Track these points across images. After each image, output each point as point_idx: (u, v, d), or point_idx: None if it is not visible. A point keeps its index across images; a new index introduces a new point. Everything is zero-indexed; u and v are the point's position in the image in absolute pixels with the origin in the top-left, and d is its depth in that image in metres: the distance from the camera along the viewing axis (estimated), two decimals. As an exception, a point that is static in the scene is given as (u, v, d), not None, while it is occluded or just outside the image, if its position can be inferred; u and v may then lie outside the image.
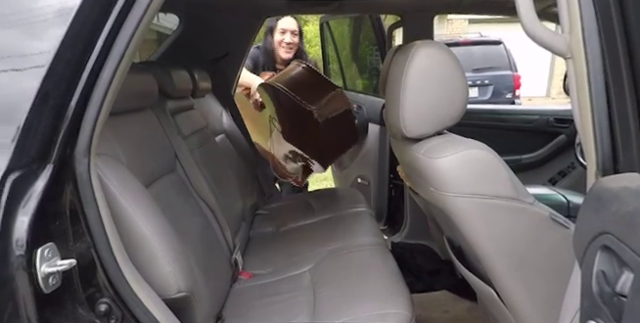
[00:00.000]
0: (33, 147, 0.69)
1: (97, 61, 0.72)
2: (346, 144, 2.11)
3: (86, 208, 0.75)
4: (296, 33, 2.32)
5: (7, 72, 0.72)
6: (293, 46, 2.34)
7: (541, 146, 2.28)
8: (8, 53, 0.72)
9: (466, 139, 0.97)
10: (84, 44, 0.70)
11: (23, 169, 0.67)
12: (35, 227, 0.65)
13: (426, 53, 1.00)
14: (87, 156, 0.74)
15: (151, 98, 1.22)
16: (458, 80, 1.01)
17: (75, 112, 0.72)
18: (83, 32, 0.70)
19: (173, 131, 1.31)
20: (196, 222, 1.23)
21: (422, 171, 1.01)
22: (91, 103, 0.73)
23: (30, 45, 0.72)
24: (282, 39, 2.31)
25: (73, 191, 0.73)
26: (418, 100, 1.01)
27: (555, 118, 2.26)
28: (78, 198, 0.74)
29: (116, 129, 0.98)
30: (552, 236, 0.87)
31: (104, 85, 0.73)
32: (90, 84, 0.72)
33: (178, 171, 1.29)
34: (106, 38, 0.71)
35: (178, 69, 1.49)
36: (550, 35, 0.78)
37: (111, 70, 0.73)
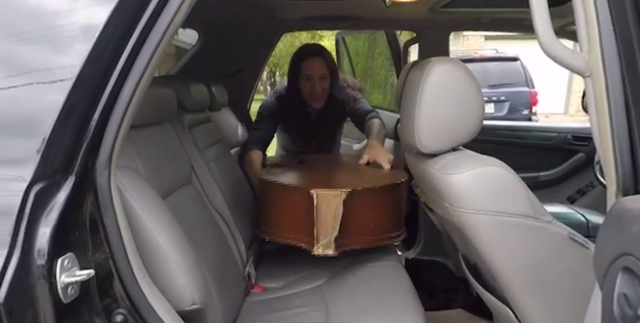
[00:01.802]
0: (57, 159, 0.71)
1: (119, 76, 0.74)
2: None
3: (105, 219, 0.76)
4: (325, 77, 1.83)
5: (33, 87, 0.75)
6: (324, 93, 1.87)
7: (559, 164, 2.25)
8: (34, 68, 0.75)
9: (481, 156, 0.97)
10: (108, 60, 0.73)
11: (47, 180, 0.69)
12: (56, 237, 0.67)
13: (442, 69, 1.01)
14: (108, 168, 0.76)
15: (170, 112, 1.24)
16: (474, 97, 1.01)
17: (98, 125, 0.74)
18: (108, 49, 0.72)
19: (190, 144, 1.33)
20: (210, 234, 1.24)
21: (437, 187, 1.00)
22: (113, 117, 0.75)
23: (56, 60, 0.75)
24: (310, 88, 1.83)
25: (94, 202, 0.75)
26: (433, 116, 1.01)
27: (573, 136, 2.23)
28: (98, 208, 0.75)
29: (136, 142, 1.00)
30: (571, 256, 0.85)
31: (125, 100, 0.75)
32: (112, 99, 0.74)
33: (194, 184, 1.31)
34: (128, 55, 0.74)
35: (196, 84, 1.52)
36: (568, 54, 0.78)
37: (132, 86, 0.75)
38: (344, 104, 1.96)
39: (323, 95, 1.87)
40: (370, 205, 1.31)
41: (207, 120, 1.63)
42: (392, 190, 1.37)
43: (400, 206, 1.43)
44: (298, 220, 1.28)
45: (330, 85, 1.87)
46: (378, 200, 1.34)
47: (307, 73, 1.82)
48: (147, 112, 1.06)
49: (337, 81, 1.93)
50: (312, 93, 1.84)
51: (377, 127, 1.87)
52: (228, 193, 1.45)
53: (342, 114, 2.01)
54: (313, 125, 2.01)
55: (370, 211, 1.32)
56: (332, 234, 1.22)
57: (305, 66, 1.82)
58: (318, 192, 1.23)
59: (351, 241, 1.28)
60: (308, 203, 1.22)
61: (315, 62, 1.81)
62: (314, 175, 1.53)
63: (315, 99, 1.87)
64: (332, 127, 2.09)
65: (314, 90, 1.82)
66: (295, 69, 1.86)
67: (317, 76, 1.82)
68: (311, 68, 1.81)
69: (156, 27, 0.75)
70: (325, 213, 1.22)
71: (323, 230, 1.22)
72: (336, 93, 1.93)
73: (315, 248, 1.23)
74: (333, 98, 1.93)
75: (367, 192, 1.30)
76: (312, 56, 1.82)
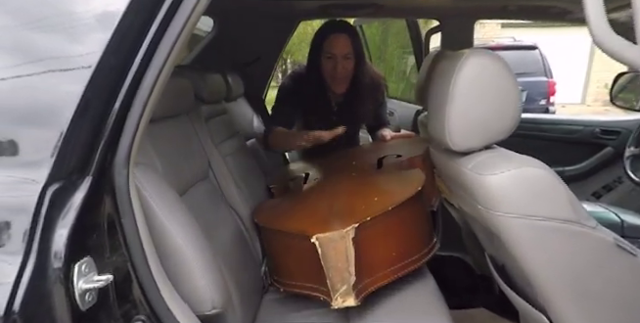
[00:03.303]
0: (74, 157, 0.67)
1: (139, 67, 0.69)
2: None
3: (123, 220, 0.72)
4: (349, 56, 1.66)
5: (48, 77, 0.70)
6: (347, 74, 1.69)
7: (586, 158, 2.17)
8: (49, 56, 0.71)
9: (519, 155, 0.91)
10: (128, 50, 0.68)
11: (64, 180, 0.65)
12: (73, 240, 0.63)
13: (476, 62, 0.94)
14: (127, 166, 0.72)
15: (187, 103, 1.20)
16: (511, 92, 0.94)
17: (117, 120, 0.69)
18: (128, 38, 0.68)
19: (207, 137, 1.29)
20: (227, 232, 1.20)
21: (469, 188, 0.95)
22: (132, 111, 0.71)
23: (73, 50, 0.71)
24: (331, 67, 1.66)
25: (111, 203, 0.71)
26: (467, 112, 0.95)
27: (601, 130, 2.14)
28: (116, 209, 0.72)
29: (153, 137, 0.96)
30: (617, 264, 0.80)
31: (145, 93, 0.70)
32: (132, 92, 0.70)
33: (211, 179, 1.27)
34: (149, 44, 0.69)
35: (212, 74, 1.47)
36: (623, 46, 0.72)
37: (153, 78, 0.71)
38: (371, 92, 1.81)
39: (346, 77, 1.68)
40: (387, 232, 1.10)
41: (224, 112, 1.58)
42: (410, 205, 1.13)
43: (423, 216, 1.23)
44: (308, 269, 1.07)
45: (355, 68, 1.69)
46: (394, 223, 1.11)
47: (330, 51, 1.64)
48: (163, 104, 1.01)
49: (364, 66, 1.74)
50: (334, 74, 1.66)
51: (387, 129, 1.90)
52: (245, 187, 1.41)
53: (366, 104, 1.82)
54: (335, 113, 1.84)
55: (389, 239, 1.11)
56: (349, 280, 1.02)
57: (328, 42, 1.64)
58: (320, 237, 1.01)
59: (374, 279, 1.08)
60: (312, 250, 1.02)
61: (340, 38, 1.63)
62: (316, 206, 1.23)
63: (336, 81, 1.68)
64: (355, 118, 1.88)
65: (336, 70, 1.64)
66: (316, 47, 1.68)
67: (340, 55, 1.63)
68: (334, 45, 1.63)
69: (177, 15, 0.70)
70: (335, 259, 1.01)
71: (338, 278, 1.02)
72: (363, 78, 1.74)
73: (333, 299, 1.03)
74: (358, 83, 1.73)
75: (379, 219, 1.07)
76: (337, 32, 1.65)
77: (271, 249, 1.23)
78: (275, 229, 1.17)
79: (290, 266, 1.17)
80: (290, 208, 1.28)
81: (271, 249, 1.23)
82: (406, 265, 1.13)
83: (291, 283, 1.16)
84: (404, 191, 1.18)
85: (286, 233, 1.13)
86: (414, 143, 1.76)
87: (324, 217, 1.13)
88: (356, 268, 1.03)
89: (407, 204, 1.13)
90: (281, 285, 1.19)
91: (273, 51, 2.15)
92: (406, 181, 1.27)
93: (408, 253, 1.14)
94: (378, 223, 1.08)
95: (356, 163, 1.57)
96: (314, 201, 1.28)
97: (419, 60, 2.34)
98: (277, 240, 1.19)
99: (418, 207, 1.20)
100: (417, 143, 1.75)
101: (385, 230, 1.10)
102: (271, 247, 1.22)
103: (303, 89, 1.75)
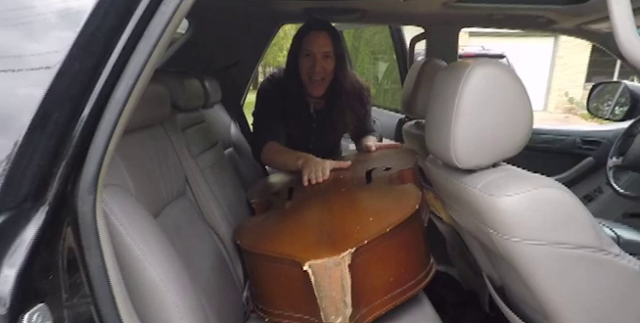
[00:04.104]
0: (27, 180, 0.55)
1: (112, 73, 0.58)
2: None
3: (87, 256, 0.60)
4: (328, 55, 1.57)
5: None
6: (325, 76, 1.59)
7: (567, 168, 2.16)
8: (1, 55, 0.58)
9: (532, 174, 0.84)
10: (98, 53, 0.56)
11: (13, 210, 0.53)
12: (23, 284, 0.51)
13: (484, 73, 0.87)
14: (93, 192, 0.60)
15: (162, 112, 1.08)
16: (522, 104, 0.88)
17: (83, 134, 0.58)
18: (98, 39, 0.56)
19: (184, 150, 1.17)
20: (206, 255, 1.09)
21: (477, 209, 0.87)
22: (102, 124, 0.59)
23: (29, 48, 0.59)
24: (309, 67, 1.57)
25: (73, 235, 0.59)
26: (474, 127, 0.87)
27: (582, 140, 2.14)
28: (79, 243, 0.59)
29: (125, 152, 0.83)
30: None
31: (119, 102, 0.59)
32: (103, 101, 0.58)
33: (188, 195, 1.15)
34: (124, 47, 0.58)
35: (190, 79, 1.35)
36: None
37: (128, 85, 0.59)
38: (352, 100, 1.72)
39: (324, 79, 1.59)
40: (384, 256, 1.00)
41: (201, 120, 1.46)
42: (408, 225, 1.04)
43: (420, 236, 1.13)
44: (298, 298, 0.97)
45: (335, 71, 1.60)
46: (392, 246, 1.02)
47: (308, 48, 1.55)
48: (138, 113, 0.89)
49: (345, 69, 1.65)
50: (311, 73, 1.58)
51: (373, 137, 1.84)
52: (225, 203, 1.29)
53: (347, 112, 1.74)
54: (314, 120, 1.76)
55: (387, 264, 1.01)
56: (344, 311, 0.92)
57: (307, 39, 1.56)
58: (313, 264, 0.90)
59: (371, 309, 0.98)
60: (303, 278, 0.92)
61: (319, 36, 1.56)
62: (305, 227, 1.12)
63: (314, 82, 1.59)
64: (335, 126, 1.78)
65: (314, 70, 1.56)
66: (295, 44, 1.60)
67: (319, 53, 1.55)
68: (313, 42, 1.55)
69: (158, 14, 0.59)
70: (329, 288, 0.91)
71: (332, 309, 0.92)
72: (344, 83, 1.65)
73: None
74: (338, 87, 1.64)
75: (377, 242, 0.97)
76: (317, 29, 1.58)
77: (255, 274, 1.11)
78: (260, 253, 1.06)
79: (276, 294, 1.05)
80: (276, 229, 1.17)
81: (255, 274, 1.11)
82: (405, 291, 1.04)
83: (276, 312, 1.05)
84: (401, 209, 1.09)
85: (273, 258, 1.02)
86: (401, 154, 1.69)
87: (315, 240, 1.02)
88: (352, 298, 0.93)
89: (405, 224, 1.04)
90: (265, 314, 1.08)
91: (253, 55, 2.04)
92: (402, 198, 1.18)
93: (406, 277, 1.05)
94: (375, 247, 0.98)
95: (344, 177, 1.47)
96: (302, 220, 1.18)
97: (402, 67, 2.29)
98: (262, 265, 1.07)
99: (415, 227, 1.12)
100: (404, 154, 1.67)
101: (382, 254, 1.01)
102: (256, 272, 1.11)
103: (282, 92, 1.67)
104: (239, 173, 1.76)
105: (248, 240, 1.14)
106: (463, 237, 1.36)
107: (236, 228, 1.23)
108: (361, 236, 0.98)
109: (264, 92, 1.72)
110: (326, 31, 1.60)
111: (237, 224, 1.27)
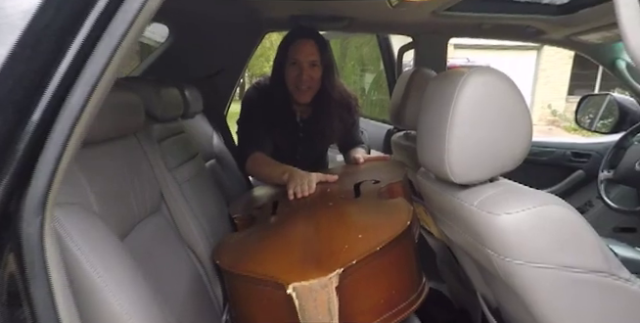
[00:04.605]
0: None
1: (65, 79, 0.50)
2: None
3: (32, 287, 0.52)
4: (315, 64, 1.53)
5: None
6: (312, 85, 1.56)
7: (557, 181, 2.13)
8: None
9: (533, 190, 0.79)
10: (46, 56, 0.49)
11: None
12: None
13: (481, 81, 0.82)
14: (41, 212, 0.51)
15: (136, 122, 1.00)
16: (521, 115, 0.82)
17: (28, 148, 0.50)
18: (46, 40, 0.49)
19: (159, 162, 1.09)
20: (182, 277, 1.00)
21: (473, 227, 0.81)
22: (53, 136, 0.51)
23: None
24: (295, 75, 1.53)
25: (15, 263, 0.50)
26: (470, 139, 0.82)
27: (572, 152, 2.11)
28: (22, 272, 0.51)
29: (90, 165, 0.75)
30: (656, 323, 0.68)
31: (72, 114, 0.51)
32: (53, 109, 0.50)
33: (163, 212, 1.07)
34: (79, 49, 0.50)
35: (168, 87, 1.28)
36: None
37: (83, 93, 0.52)
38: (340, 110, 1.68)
39: (311, 88, 1.55)
40: (374, 276, 0.93)
41: (180, 131, 1.38)
42: (399, 242, 0.96)
43: (412, 254, 1.05)
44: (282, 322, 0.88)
45: (323, 80, 1.56)
46: (383, 265, 0.94)
47: (294, 57, 1.52)
48: (105, 123, 0.81)
49: (332, 79, 1.62)
50: (298, 82, 1.53)
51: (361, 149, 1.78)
52: (204, 219, 1.21)
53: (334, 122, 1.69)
54: (300, 129, 1.70)
55: (377, 285, 0.94)
56: None
57: (293, 48, 1.53)
58: (298, 287, 0.82)
59: None
60: (287, 301, 0.84)
61: (306, 44, 1.52)
62: (290, 245, 1.04)
63: (301, 91, 1.55)
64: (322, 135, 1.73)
65: (300, 79, 1.52)
66: (281, 53, 1.56)
67: (306, 62, 1.51)
68: (300, 50, 1.52)
69: (121, 12, 0.52)
70: (315, 312, 0.84)
71: None
72: (331, 92, 1.62)
73: None
74: (325, 96, 1.59)
75: (366, 262, 0.89)
76: (303, 37, 1.54)
77: (235, 296, 1.03)
78: (241, 274, 0.98)
79: (258, 318, 0.97)
80: (258, 246, 1.09)
81: (235, 296, 1.03)
82: (396, 314, 0.96)
83: None
84: (392, 226, 1.02)
85: (254, 279, 0.94)
86: (390, 167, 1.63)
87: (300, 259, 0.95)
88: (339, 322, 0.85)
89: (396, 241, 0.97)
90: None
91: (237, 63, 1.98)
92: (392, 213, 1.12)
93: (398, 299, 0.97)
94: (364, 266, 0.91)
95: (331, 190, 1.40)
96: (287, 237, 1.10)
97: (390, 77, 2.25)
98: (243, 287, 0.99)
99: (407, 244, 1.05)
100: (393, 167, 1.62)
101: (372, 274, 0.93)
102: (236, 294, 1.02)
103: (264, 101, 1.62)
104: (221, 186, 1.67)
105: (227, 259, 1.06)
106: (455, 253, 1.30)
107: (215, 246, 1.15)
108: (349, 255, 0.91)
109: (249, 100, 1.67)
110: (313, 39, 1.56)
111: (217, 242, 1.19)
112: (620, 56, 1.84)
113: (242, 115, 1.69)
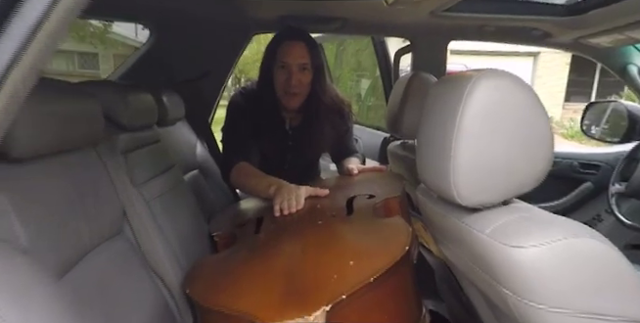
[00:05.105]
0: None
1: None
2: None
3: None
4: (305, 67, 1.43)
5: None
6: (302, 90, 1.45)
7: (563, 194, 2.01)
8: None
9: (557, 217, 0.66)
10: None
11: None
12: None
13: (494, 85, 0.69)
14: None
15: (92, 132, 0.86)
16: (542, 127, 0.70)
17: None
18: None
19: (123, 177, 0.95)
20: (146, 309, 0.86)
21: (486, 260, 0.68)
22: None
23: None
24: (284, 79, 1.43)
25: None
26: (482, 155, 0.69)
27: (580, 163, 1.99)
28: None
29: (21, 189, 0.62)
30: None
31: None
32: None
33: (126, 234, 0.93)
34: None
35: (137, 92, 1.14)
36: None
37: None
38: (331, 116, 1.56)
39: (300, 93, 1.45)
40: (367, 311, 0.81)
41: (155, 140, 1.25)
42: (396, 271, 0.84)
43: (411, 283, 0.93)
44: None
45: (313, 84, 1.46)
46: (377, 298, 0.82)
47: (283, 60, 1.41)
48: (46, 136, 0.68)
49: (324, 83, 1.51)
50: (287, 87, 1.43)
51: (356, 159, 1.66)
52: (176, 240, 1.07)
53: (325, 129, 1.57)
54: (290, 137, 1.59)
55: (372, 320, 0.82)
56: None
57: (282, 50, 1.42)
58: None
59: None
60: None
61: (295, 46, 1.41)
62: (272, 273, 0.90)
63: (289, 96, 1.45)
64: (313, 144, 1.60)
65: (289, 83, 1.41)
66: (269, 55, 1.45)
67: (295, 65, 1.41)
68: (289, 53, 1.41)
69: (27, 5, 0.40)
70: None
71: None
72: (322, 97, 1.51)
73: None
74: (316, 102, 1.49)
75: (358, 295, 0.77)
76: (293, 39, 1.43)
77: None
78: (214, 309, 0.84)
79: None
80: (235, 275, 0.95)
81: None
82: None
83: None
84: (388, 251, 0.88)
85: (229, 316, 0.81)
86: (387, 179, 1.50)
87: (281, 293, 0.82)
88: None
89: (393, 270, 0.84)
90: None
91: (222, 67, 1.85)
92: (389, 236, 0.98)
93: None
94: (356, 301, 0.77)
95: (321, 207, 1.27)
96: (267, 264, 0.97)
97: (386, 82, 2.13)
98: (216, 322, 0.86)
99: (405, 272, 0.91)
100: (390, 180, 1.48)
101: (365, 309, 0.80)
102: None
103: (251, 107, 1.50)
104: (204, 200, 1.54)
105: (199, 288, 0.92)
106: (458, 279, 1.17)
107: (188, 271, 1.01)
108: (338, 288, 0.78)
109: (235, 106, 1.55)
110: (302, 41, 1.44)
111: (190, 265, 1.05)
112: (632, 61, 1.73)
113: (227, 122, 1.56)
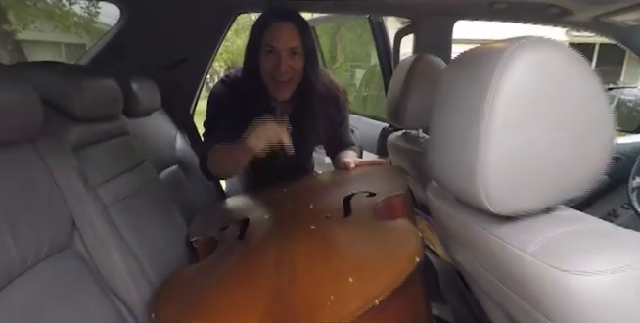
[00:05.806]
0: None
1: None
2: None
3: None
4: (295, 51, 1.26)
5: None
6: (293, 76, 1.29)
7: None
8: None
9: (623, 231, 0.50)
10: None
11: None
12: None
13: (536, 59, 0.53)
14: None
15: (30, 124, 0.69)
16: (600, 112, 0.54)
17: None
18: None
19: (74, 178, 0.78)
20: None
21: (525, 284, 0.53)
22: None
23: None
24: (272, 65, 1.26)
25: None
26: (520, 149, 0.53)
27: (595, 154, 1.84)
28: None
29: None
30: None
31: None
32: None
33: (76, 247, 0.76)
34: None
35: (96, 78, 0.97)
36: None
37: None
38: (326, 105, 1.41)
39: (291, 80, 1.29)
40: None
41: (121, 133, 1.08)
42: (406, 288, 0.70)
43: (422, 301, 0.80)
44: None
45: (305, 70, 1.30)
46: (384, 318, 0.68)
47: (271, 43, 1.25)
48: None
49: (316, 69, 1.36)
50: (275, 74, 1.27)
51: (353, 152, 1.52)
52: (143, 251, 0.91)
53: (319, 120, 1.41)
54: None
55: None
56: None
57: (269, 33, 1.25)
58: None
59: None
60: None
61: (284, 28, 1.25)
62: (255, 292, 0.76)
63: (279, 86, 1.29)
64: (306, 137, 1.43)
65: (278, 69, 1.25)
66: (255, 38, 1.28)
67: (284, 50, 1.25)
68: (277, 35, 1.25)
69: None
70: None
71: None
72: (315, 84, 1.35)
73: None
74: (309, 90, 1.34)
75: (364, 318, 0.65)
76: (281, 20, 1.27)
77: None
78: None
79: None
80: (211, 295, 0.79)
81: None
82: None
83: None
84: (396, 265, 0.72)
85: None
86: (388, 174, 1.34)
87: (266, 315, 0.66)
88: None
89: (402, 289, 0.68)
90: None
91: (204, 51, 1.67)
92: (395, 245, 0.82)
93: None
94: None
95: (314, 207, 1.11)
96: (251, 281, 0.81)
97: (385, 67, 1.95)
98: None
99: (415, 290, 0.76)
100: (392, 174, 1.33)
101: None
102: None
103: (235, 97, 1.33)
104: (184, 200, 1.38)
105: (168, 314, 0.76)
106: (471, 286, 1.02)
107: (156, 291, 0.85)
108: (336, 312, 0.63)
109: (218, 96, 1.37)
110: (292, 22, 1.26)
111: (161, 281, 0.89)
112: (659, 41, 1.57)
113: (208, 113, 1.39)
